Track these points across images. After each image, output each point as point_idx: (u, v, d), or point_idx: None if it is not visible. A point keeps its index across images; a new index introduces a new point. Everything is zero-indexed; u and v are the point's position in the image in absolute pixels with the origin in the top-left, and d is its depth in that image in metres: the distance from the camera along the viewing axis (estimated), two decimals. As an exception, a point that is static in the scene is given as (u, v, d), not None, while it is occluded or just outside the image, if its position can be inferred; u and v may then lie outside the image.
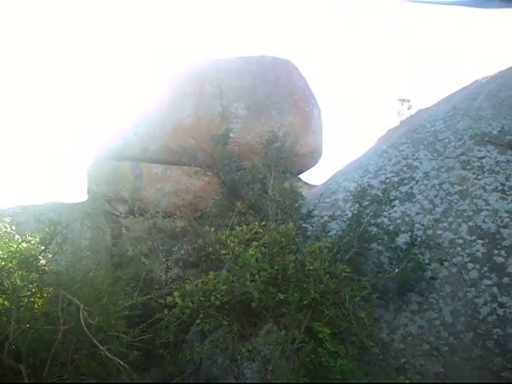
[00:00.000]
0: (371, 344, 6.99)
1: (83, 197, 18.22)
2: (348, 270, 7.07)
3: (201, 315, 6.84)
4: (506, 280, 7.86)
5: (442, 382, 6.89)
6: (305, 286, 6.83)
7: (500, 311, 7.64)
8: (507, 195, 8.74)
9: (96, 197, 17.28)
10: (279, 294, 6.70)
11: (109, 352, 6.78)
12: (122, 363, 6.73)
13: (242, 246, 7.02)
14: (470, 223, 8.56)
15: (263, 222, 7.45)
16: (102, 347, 6.81)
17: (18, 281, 7.51)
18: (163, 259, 11.17)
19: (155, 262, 11.11)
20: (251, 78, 17.45)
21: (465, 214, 8.70)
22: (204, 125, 16.15)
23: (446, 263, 8.11)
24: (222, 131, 15.06)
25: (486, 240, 8.31)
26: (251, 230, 7.28)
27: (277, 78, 17.66)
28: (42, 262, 7.83)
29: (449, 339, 7.62)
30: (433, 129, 10.82)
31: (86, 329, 6.81)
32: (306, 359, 6.62)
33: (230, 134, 15.31)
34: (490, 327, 7.56)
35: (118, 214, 17.40)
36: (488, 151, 9.56)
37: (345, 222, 9.22)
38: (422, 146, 10.46)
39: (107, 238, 16.04)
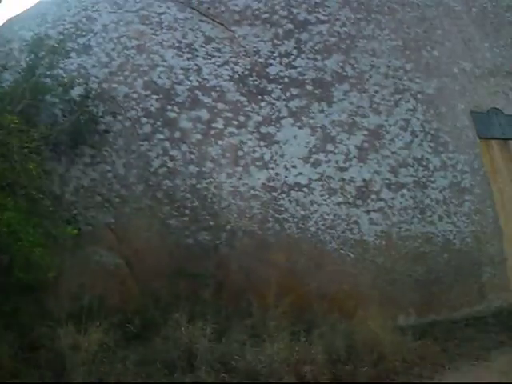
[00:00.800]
0: (41, 196, 7.27)
1: None
2: (17, 121, 7.06)
3: None
4: (177, 134, 8.76)
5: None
6: (-34, 138, 6.70)
7: (170, 164, 8.56)
8: (183, 52, 9.44)
9: None
10: None
11: None
12: None
13: None
14: (146, 78, 9.12)
15: None
16: None
17: None
18: None
19: None
20: None
21: (141, 69, 9.20)
22: None
23: (119, 117, 8.65)
24: None
25: (161, 95, 9.01)
26: None
27: None
28: None
29: (120, 191, 8.34)
30: (116, -20, 10.88)
31: None
32: (-28, 213, 6.65)
33: None
34: (160, 179, 8.46)
35: None
36: (168, 8, 10.01)
37: (19, 72, 9.00)
38: (103, -2, 10.51)
39: None
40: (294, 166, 8.99)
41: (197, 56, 9.48)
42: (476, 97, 11.46)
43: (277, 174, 8.87)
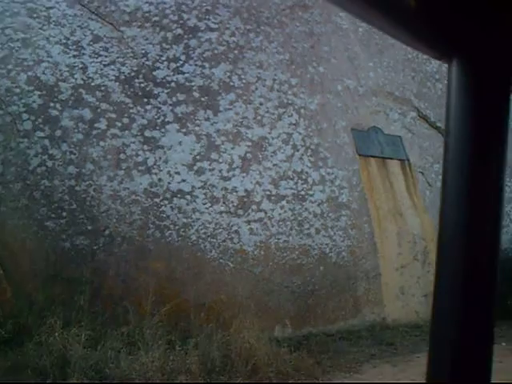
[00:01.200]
0: None
1: None
2: None
3: None
4: (58, 133, 8.88)
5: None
6: None
7: (49, 163, 8.67)
8: (70, 49, 9.56)
9: None
10: None
11: None
12: None
13: None
14: (30, 73, 9.14)
15: None
16: None
17: None
18: None
19: None
20: None
21: (25, 64, 9.22)
22: None
23: (0, 112, 8.59)
24: None
25: (44, 92, 9.05)
26: None
27: None
28: None
29: (-5, 189, 8.31)
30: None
31: None
32: None
33: None
34: (38, 178, 8.52)
35: None
36: (57, 2, 10.06)
37: None
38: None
39: None
40: (177, 173, 9.29)
41: (83, 54, 9.62)
42: (357, 115, 12.22)
43: (160, 180, 9.14)
